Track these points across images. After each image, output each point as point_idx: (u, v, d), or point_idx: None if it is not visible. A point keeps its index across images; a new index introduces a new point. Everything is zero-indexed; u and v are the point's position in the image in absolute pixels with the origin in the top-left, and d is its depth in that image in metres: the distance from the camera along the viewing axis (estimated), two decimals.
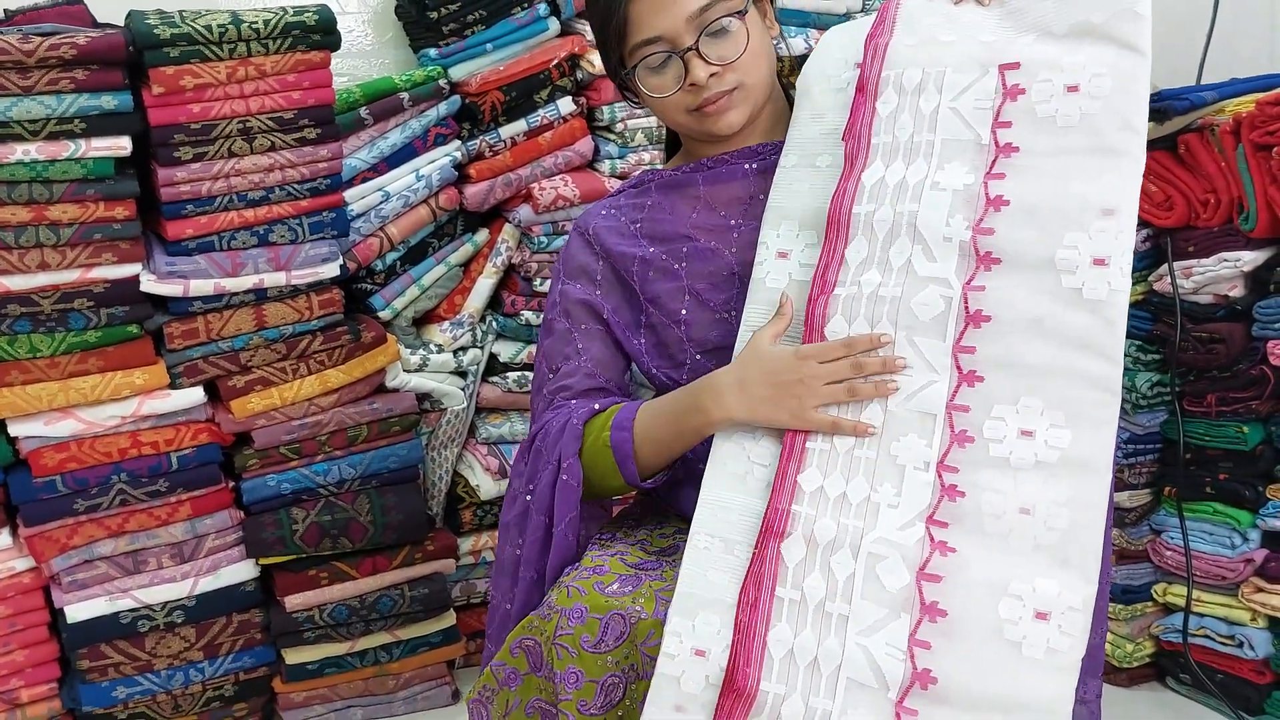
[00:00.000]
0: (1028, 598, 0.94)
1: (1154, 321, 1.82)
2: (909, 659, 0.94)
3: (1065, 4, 1.03)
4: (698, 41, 1.13)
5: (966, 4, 1.09)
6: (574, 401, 1.19)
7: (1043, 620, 0.94)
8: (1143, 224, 1.79)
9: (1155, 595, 1.86)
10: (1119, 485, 1.86)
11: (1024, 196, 1.00)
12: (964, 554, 0.95)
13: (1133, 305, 1.83)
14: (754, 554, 1.00)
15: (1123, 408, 1.85)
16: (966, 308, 1.00)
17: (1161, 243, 1.77)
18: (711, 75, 1.14)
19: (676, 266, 1.20)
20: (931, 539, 0.96)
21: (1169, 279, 1.75)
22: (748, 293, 1.12)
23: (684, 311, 1.19)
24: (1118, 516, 1.88)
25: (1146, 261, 1.81)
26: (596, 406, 1.16)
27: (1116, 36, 1.00)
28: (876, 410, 1.01)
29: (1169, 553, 1.83)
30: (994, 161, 1.02)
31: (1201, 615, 1.80)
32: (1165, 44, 2.14)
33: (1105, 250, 0.96)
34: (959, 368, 0.99)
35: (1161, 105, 1.71)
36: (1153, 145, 1.76)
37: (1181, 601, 1.81)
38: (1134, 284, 1.82)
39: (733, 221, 1.20)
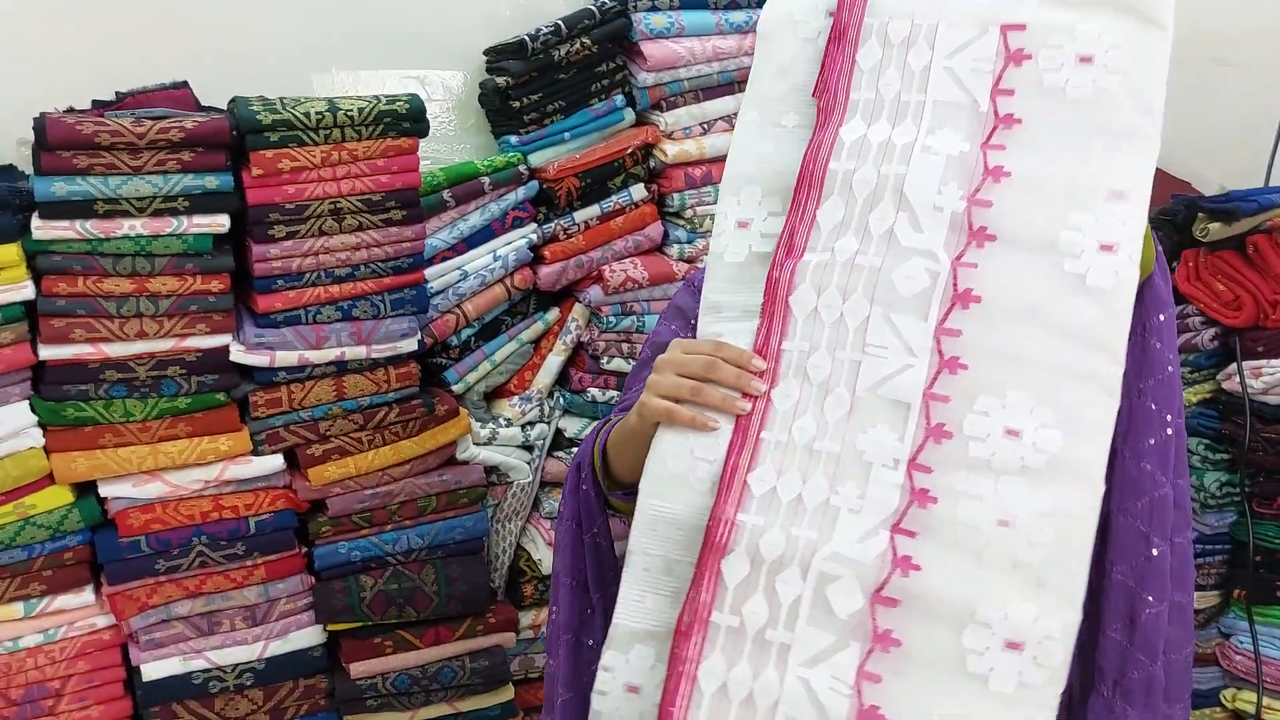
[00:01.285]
0: (998, 624, 0.83)
1: (1222, 421, 1.81)
2: (855, 694, 0.84)
3: None
4: None
5: None
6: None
7: (1015, 650, 0.82)
8: (1211, 322, 1.79)
9: (1224, 701, 1.82)
10: None
11: (1026, 170, 0.90)
12: (928, 571, 0.85)
13: (1200, 403, 1.83)
14: (694, 573, 0.91)
15: (1191, 507, 1.82)
16: (955, 285, 0.89)
17: (1230, 342, 1.77)
18: None
19: None
20: (894, 553, 0.85)
21: (1238, 379, 1.75)
22: (707, 270, 1.03)
23: None
24: None
25: (1215, 360, 1.81)
26: (615, 418, 1.17)
27: (1137, 6, 0.90)
28: (842, 395, 0.90)
29: (1238, 657, 1.79)
30: (993, 131, 0.92)
31: None
32: (1234, 144, 2.17)
33: (1114, 235, 0.86)
34: (940, 352, 0.88)
35: (1230, 206, 1.73)
36: (1221, 245, 1.78)
37: (1251, 708, 1.77)
38: (1202, 382, 1.82)
39: None
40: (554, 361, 1.91)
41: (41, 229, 1.54)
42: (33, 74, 1.75)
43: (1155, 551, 1.04)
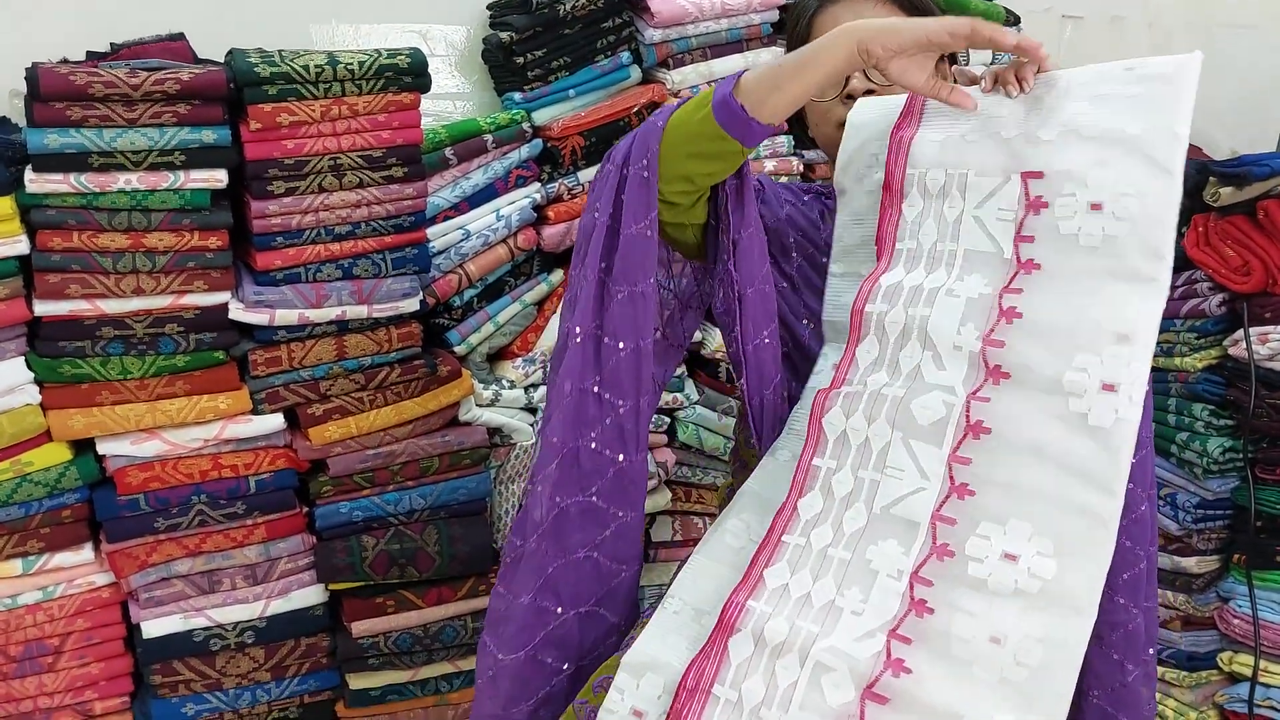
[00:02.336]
0: None
1: (1228, 387, 1.81)
2: None
3: (1100, 106, 0.96)
4: None
5: (993, 94, 1.04)
6: None
7: None
8: (1219, 288, 1.78)
9: (1221, 663, 1.83)
10: (1186, 550, 1.84)
11: (1037, 312, 0.96)
12: (919, 676, 0.89)
13: (1206, 370, 1.83)
14: (706, 642, 0.98)
15: (1193, 472, 1.83)
16: (968, 417, 0.95)
17: (1238, 308, 1.76)
18: (867, 91, 1.20)
19: (795, 255, 1.23)
20: (889, 655, 0.91)
21: (1244, 344, 1.74)
22: (801, 397, 1.12)
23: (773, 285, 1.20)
24: (1185, 581, 1.86)
25: (1222, 326, 1.81)
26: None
27: (1150, 154, 0.92)
28: (860, 510, 0.97)
29: (1236, 621, 1.81)
30: (1014, 276, 0.98)
31: (1268, 686, 1.78)
32: (1245, 108, 2.15)
33: (1116, 376, 0.90)
34: (951, 478, 0.95)
35: (1241, 170, 1.72)
36: (1231, 210, 1.76)
37: (1248, 671, 1.78)
38: (1208, 348, 1.82)
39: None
40: (557, 323, 1.89)
41: (35, 182, 1.51)
42: (26, 24, 1.72)
43: (1130, 678, 1.15)
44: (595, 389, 1.09)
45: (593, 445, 1.09)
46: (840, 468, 1.00)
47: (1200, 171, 1.78)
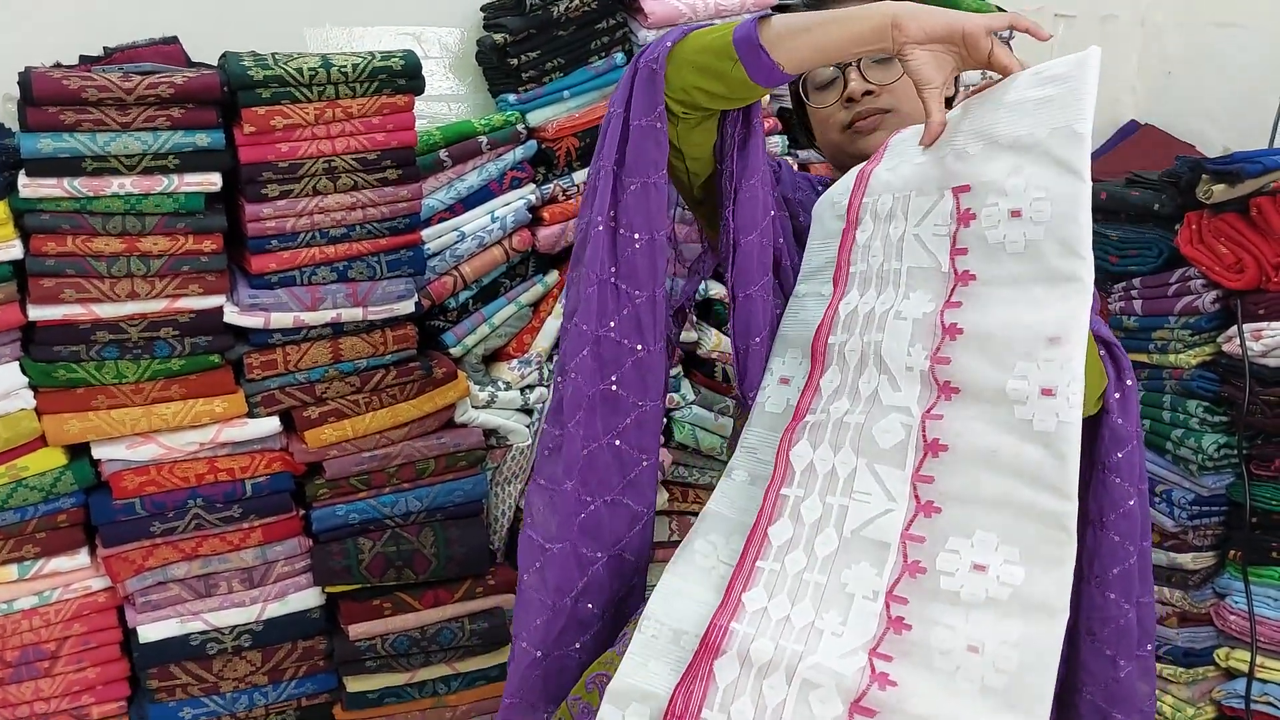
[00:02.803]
0: None
1: (1222, 383, 1.81)
2: None
3: (1014, 114, 0.99)
4: (860, 60, 1.19)
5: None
6: None
7: None
8: (1213, 285, 1.79)
9: (1218, 659, 1.84)
10: (1182, 546, 1.85)
11: (977, 325, 0.98)
12: (905, 688, 0.91)
13: (1200, 366, 1.83)
14: (688, 666, 0.99)
15: (1188, 468, 1.84)
16: (924, 436, 0.98)
17: (1231, 304, 1.77)
18: (866, 93, 1.21)
19: (805, 235, 1.24)
20: (872, 670, 0.92)
21: (1238, 341, 1.74)
22: (750, 415, 1.14)
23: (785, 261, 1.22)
24: (1180, 578, 1.87)
25: (1216, 323, 1.81)
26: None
27: (1056, 156, 0.96)
28: (831, 535, 0.99)
29: (1233, 617, 1.81)
30: (953, 289, 1.01)
31: (1264, 682, 1.78)
32: (1238, 106, 2.16)
33: (1052, 380, 0.92)
34: (917, 497, 0.97)
35: (1234, 167, 1.72)
36: (1224, 207, 1.77)
37: (1244, 667, 1.79)
38: (1202, 345, 1.82)
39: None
40: (553, 325, 1.90)
41: (28, 187, 1.51)
42: (19, 29, 1.72)
43: (1123, 674, 1.15)
44: (613, 280, 1.13)
45: (612, 334, 1.13)
46: (808, 495, 1.02)
47: (1193, 169, 1.79)
